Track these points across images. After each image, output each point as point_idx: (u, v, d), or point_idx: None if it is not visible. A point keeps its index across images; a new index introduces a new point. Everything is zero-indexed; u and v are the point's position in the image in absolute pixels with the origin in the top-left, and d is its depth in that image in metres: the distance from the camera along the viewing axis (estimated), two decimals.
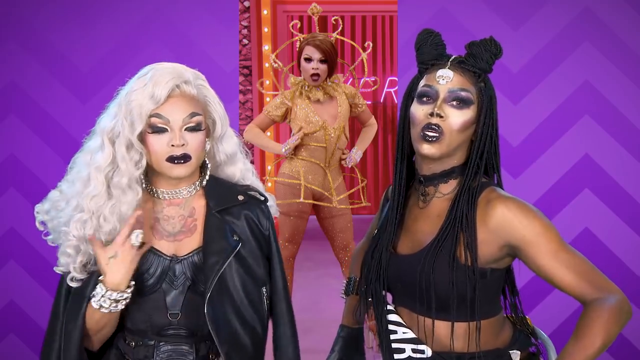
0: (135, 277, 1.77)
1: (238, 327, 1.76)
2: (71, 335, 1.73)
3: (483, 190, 1.72)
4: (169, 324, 1.80)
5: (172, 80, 1.74)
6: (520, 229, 1.65)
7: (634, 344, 3.22)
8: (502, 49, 1.77)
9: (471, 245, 1.65)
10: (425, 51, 1.77)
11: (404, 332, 1.74)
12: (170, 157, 1.74)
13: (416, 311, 1.73)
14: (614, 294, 1.63)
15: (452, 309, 1.67)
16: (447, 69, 1.73)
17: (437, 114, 1.69)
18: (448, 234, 1.69)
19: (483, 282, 1.67)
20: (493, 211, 1.67)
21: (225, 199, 1.84)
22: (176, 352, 1.80)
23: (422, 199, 1.78)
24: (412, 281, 1.71)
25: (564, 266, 1.64)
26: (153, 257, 1.79)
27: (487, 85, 1.76)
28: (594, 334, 1.59)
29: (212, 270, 1.75)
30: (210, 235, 1.79)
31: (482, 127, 1.73)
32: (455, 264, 1.66)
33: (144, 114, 1.73)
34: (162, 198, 1.83)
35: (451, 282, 1.65)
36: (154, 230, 1.82)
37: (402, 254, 1.77)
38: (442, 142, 1.70)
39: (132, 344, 1.83)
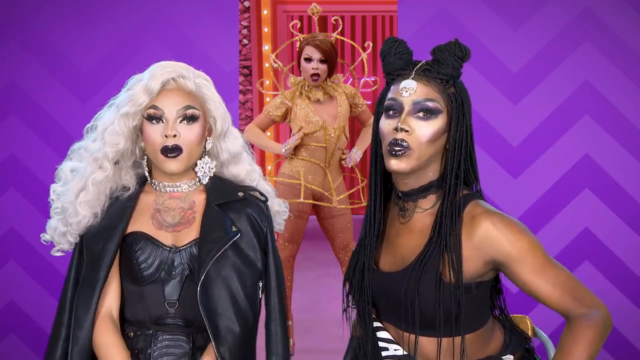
0: (134, 267, 1.83)
1: (231, 315, 1.78)
2: (82, 322, 1.79)
3: (467, 204, 1.67)
4: (167, 313, 1.83)
5: (167, 74, 1.83)
6: (506, 245, 1.62)
7: (634, 344, 3.22)
8: (469, 51, 1.68)
9: (457, 265, 1.62)
10: (389, 61, 1.71)
11: (395, 349, 1.71)
12: (164, 148, 1.82)
13: (401, 327, 1.71)
14: (598, 309, 1.62)
15: (438, 326, 1.64)
16: (411, 79, 1.66)
17: (402, 128, 1.62)
18: (433, 253, 1.65)
19: (468, 297, 1.65)
20: (478, 227, 1.63)
21: (225, 194, 1.89)
22: (173, 342, 1.83)
23: (401, 214, 1.73)
24: (396, 299, 1.68)
25: (550, 283, 1.63)
26: (152, 247, 1.84)
27: (458, 89, 1.68)
28: (579, 352, 1.59)
29: (206, 257, 1.80)
30: (208, 226, 1.84)
31: (455, 135, 1.66)
32: (441, 284, 1.62)
33: (139, 103, 1.82)
34: (164, 191, 1.90)
35: (437, 302, 1.62)
36: (154, 220, 1.87)
37: (385, 271, 1.73)
38: (410, 156, 1.63)
39: (131, 334, 1.87)
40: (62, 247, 1.90)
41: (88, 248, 1.85)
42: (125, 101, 1.85)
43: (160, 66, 1.85)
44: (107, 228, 1.85)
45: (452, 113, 1.66)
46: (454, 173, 1.67)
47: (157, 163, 1.85)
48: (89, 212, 1.85)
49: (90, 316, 1.79)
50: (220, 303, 1.78)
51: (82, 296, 1.81)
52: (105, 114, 1.90)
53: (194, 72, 1.89)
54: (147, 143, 1.85)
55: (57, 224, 1.89)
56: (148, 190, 1.92)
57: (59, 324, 1.86)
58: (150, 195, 1.91)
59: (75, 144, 1.93)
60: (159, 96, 1.83)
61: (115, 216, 1.87)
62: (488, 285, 1.72)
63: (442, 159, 1.69)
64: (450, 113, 1.66)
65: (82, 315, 1.79)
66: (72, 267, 1.89)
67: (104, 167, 1.86)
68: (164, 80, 1.83)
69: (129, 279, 1.86)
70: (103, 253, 1.82)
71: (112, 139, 1.85)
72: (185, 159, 1.84)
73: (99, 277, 1.81)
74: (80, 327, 1.79)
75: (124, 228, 1.85)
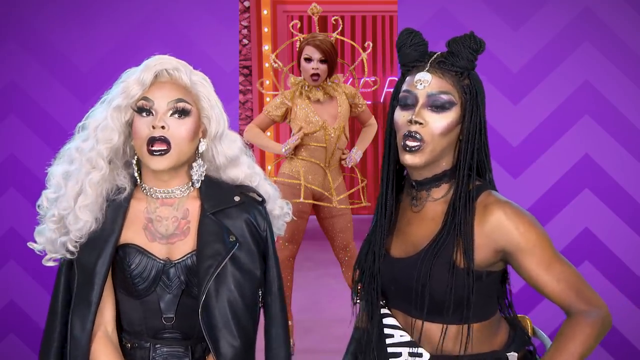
0: (128, 280, 1.77)
1: (231, 329, 1.74)
2: (79, 340, 1.73)
3: (480, 193, 1.69)
4: (164, 327, 1.79)
5: (159, 65, 1.76)
6: (516, 235, 1.64)
7: (633, 344, 3.22)
8: (483, 43, 1.70)
9: (468, 250, 1.64)
10: (405, 52, 1.72)
11: (401, 336, 1.73)
12: (151, 139, 1.72)
13: (410, 314, 1.72)
14: (599, 308, 1.64)
15: (447, 312, 1.66)
16: (426, 71, 1.68)
17: (416, 121, 1.65)
18: (446, 239, 1.66)
19: (478, 284, 1.66)
20: (490, 216, 1.65)
21: (220, 200, 1.81)
22: (172, 354, 1.80)
23: (414, 203, 1.76)
24: (407, 285, 1.69)
25: (555, 278, 1.64)
26: (146, 261, 1.77)
27: (472, 81, 1.70)
28: (575, 347, 1.60)
29: (205, 275, 1.73)
30: (205, 238, 1.76)
31: (469, 126, 1.68)
32: (454, 269, 1.64)
33: (130, 96, 1.74)
34: (155, 197, 1.81)
35: (449, 287, 1.64)
36: (147, 231, 1.79)
37: (396, 257, 1.75)
38: (424, 151, 1.66)
39: (128, 345, 1.82)
40: (55, 256, 1.79)
41: (78, 259, 1.76)
42: (117, 93, 1.76)
43: (155, 58, 1.78)
44: (99, 238, 1.76)
45: (465, 105, 1.68)
46: (467, 163, 1.69)
47: (144, 160, 1.74)
48: (90, 216, 1.74)
49: (87, 334, 1.72)
50: (221, 318, 1.73)
51: (77, 313, 1.74)
52: (96, 111, 1.81)
53: (192, 70, 1.82)
54: (135, 138, 1.75)
55: (53, 234, 1.76)
56: (139, 197, 1.82)
57: (51, 330, 1.80)
58: (142, 202, 1.81)
59: (65, 146, 1.84)
60: (151, 87, 1.75)
61: (106, 224, 1.77)
62: (497, 277, 1.74)
63: (456, 150, 1.71)
64: (464, 105, 1.68)
65: (79, 333, 1.72)
66: (61, 273, 1.81)
67: (98, 167, 1.75)
68: (157, 71, 1.76)
69: (124, 290, 1.79)
70: (96, 268, 1.74)
71: (105, 135, 1.75)
72: (174, 156, 1.73)
73: (94, 294, 1.73)
74: (77, 347, 1.73)
75: (116, 239, 1.76)
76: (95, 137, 1.76)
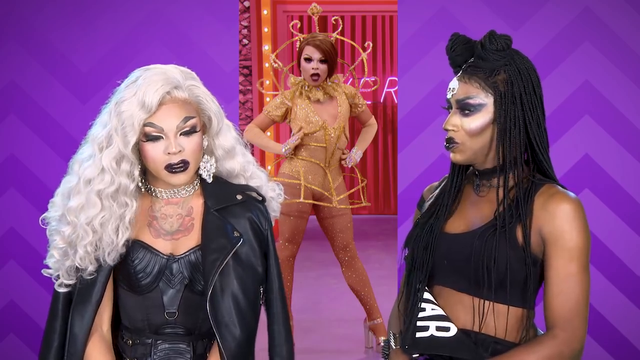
0: (132, 276, 1.78)
1: (235, 323, 1.76)
2: (77, 337, 1.75)
3: (543, 185, 1.74)
4: (166, 322, 1.80)
5: (161, 88, 1.72)
6: (566, 231, 1.68)
7: (634, 344, 3.22)
8: (506, 39, 1.75)
9: (526, 229, 1.67)
10: (450, 57, 1.80)
11: (433, 309, 1.75)
12: (169, 166, 1.73)
13: (459, 289, 1.74)
14: (575, 341, 1.65)
15: (487, 285, 1.68)
16: (456, 79, 1.76)
17: (446, 129, 1.75)
18: (506, 215, 1.70)
19: (534, 270, 1.69)
20: (553, 201, 1.69)
21: (223, 198, 1.83)
22: (173, 351, 1.81)
23: (476, 190, 1.81)
24: (462, 258, 1.72)
25: (561, 289, 1.66)
26: (150, 256, 1.79)
27: (509, 74, 1.73)
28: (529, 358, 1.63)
29: (212, 268, 1.75)
30: (209, 233, 1.79)
31: (503, 122, 1.71)
32: (513, 243, 1.67)
33: (137, 124, 1.71)
34: (160, 197, 1.83)
35: (507, 260, 1.67)
36: (151, 228, 1.82)
37: (453, 233, 1.78)
38: (461, 149, 1.74)
39: (130, 342, 1.83)
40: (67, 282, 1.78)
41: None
42: (120, 128, 1.71)
43: (152, 79, 1.72)
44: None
45: (498, 102, 1.72)
46: (513, 158, 1.73)
47: (161, 177, 1.77)
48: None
49: (85, 332, 1.74)
50: (226, 312, 1.75)
51: (78, 310, 1.76)
52: (103, 151, 1.73)
53: (182, 73, 1.78)
54: (148, 161, 1.75)
55: (84, 260, 1.74)
56: (144, 195, 1.83)
57: (51, 331, 1.81)
58: (146, 200, 1.83)
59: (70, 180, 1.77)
60: (156, 112, 1.72)
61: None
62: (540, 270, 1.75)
63: (499, 145, 1.75)
64: (497, 102, 1.72)
65: (78, 330, 1.75)
66: None
67: (105, 207, 1.74)
68: (161, 96, 1.72)
69: (126, 286, 1.81)
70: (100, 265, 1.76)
71: (114, 179, 1.73)
72: (192, 169, 1.77)
73: (95, 292, 1.75)
74: (74, 343, 1.75)
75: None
76: (102, 180, 1.74)
